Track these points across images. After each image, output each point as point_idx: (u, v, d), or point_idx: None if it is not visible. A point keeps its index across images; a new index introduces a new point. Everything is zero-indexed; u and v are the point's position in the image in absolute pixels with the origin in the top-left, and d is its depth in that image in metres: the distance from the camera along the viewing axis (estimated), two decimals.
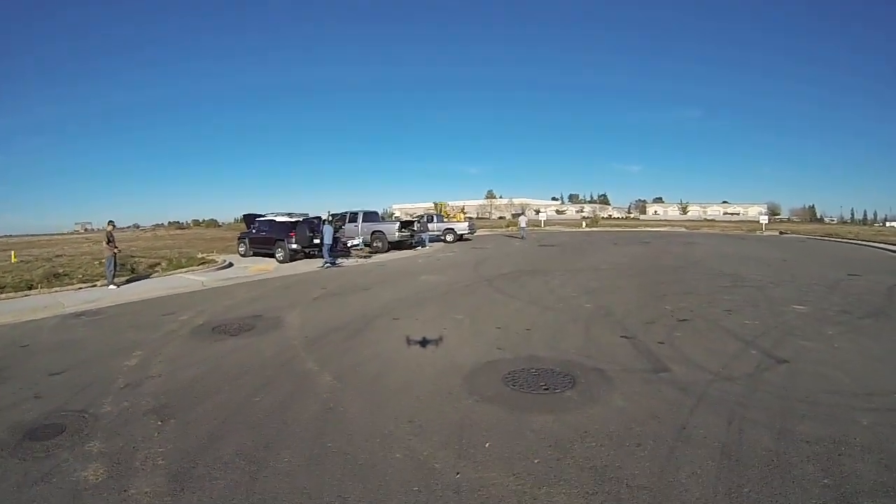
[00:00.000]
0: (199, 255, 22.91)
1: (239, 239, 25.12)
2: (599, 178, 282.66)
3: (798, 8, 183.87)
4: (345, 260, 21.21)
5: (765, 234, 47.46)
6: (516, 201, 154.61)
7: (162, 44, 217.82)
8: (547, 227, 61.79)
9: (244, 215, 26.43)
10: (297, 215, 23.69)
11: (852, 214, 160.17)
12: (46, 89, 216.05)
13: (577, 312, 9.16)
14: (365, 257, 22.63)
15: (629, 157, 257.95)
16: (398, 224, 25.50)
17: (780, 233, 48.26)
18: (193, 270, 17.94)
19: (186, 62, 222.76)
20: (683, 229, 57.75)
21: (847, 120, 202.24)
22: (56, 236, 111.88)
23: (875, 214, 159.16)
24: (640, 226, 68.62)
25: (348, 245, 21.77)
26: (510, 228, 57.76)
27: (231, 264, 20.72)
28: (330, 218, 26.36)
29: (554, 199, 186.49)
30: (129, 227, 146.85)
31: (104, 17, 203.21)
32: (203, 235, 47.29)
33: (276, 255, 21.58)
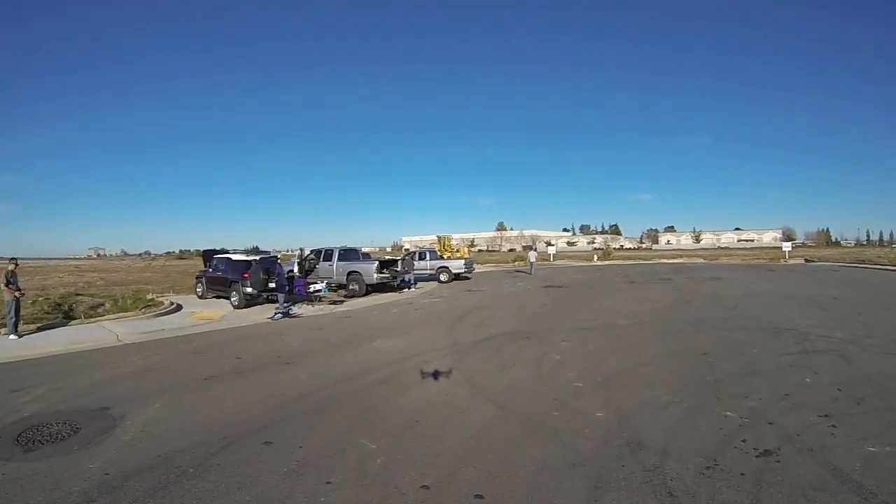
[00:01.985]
0: (151, 297, 19.92)
1: (196, 278, 21.85)
2: (610, 207, 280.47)
3: (807, 32, 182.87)
4: (304, 308, 17.75)
5: (789, 262, 43.93)
6: (527, 233, 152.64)
7: (185, 76, 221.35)
8: (557, 261, 58.29)
9: (203, 251, 23.24)
10: (256, 253, 20.55)
11: (868, 236, 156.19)
12: (66, 115, 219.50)
13: (579, 439, 5.30)
14: (336, 302, 19.18)
15: (640, 186, 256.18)
16: (377, 264, 21.95)
17: (806, 260, 44.75)
18: (126, 317, 15.72)
19: (209, 95, 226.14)
20: (702, 260, 54.37)
21: (857, 141, 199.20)
22: (69, 260, 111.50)
23: (892, 235, 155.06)
24: (654, 257, 64.89)
25: (310, 290, 18.30)
26: (517, 263, 54.50)
27: (179, 307, 18.18)
28: (302, 256, 23.13)
29: (565, 230, 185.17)
30: (140, 254, 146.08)
31: (128, 46, 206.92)
32: (194, 267, 44.14)
33: (231, 299, 18.28)
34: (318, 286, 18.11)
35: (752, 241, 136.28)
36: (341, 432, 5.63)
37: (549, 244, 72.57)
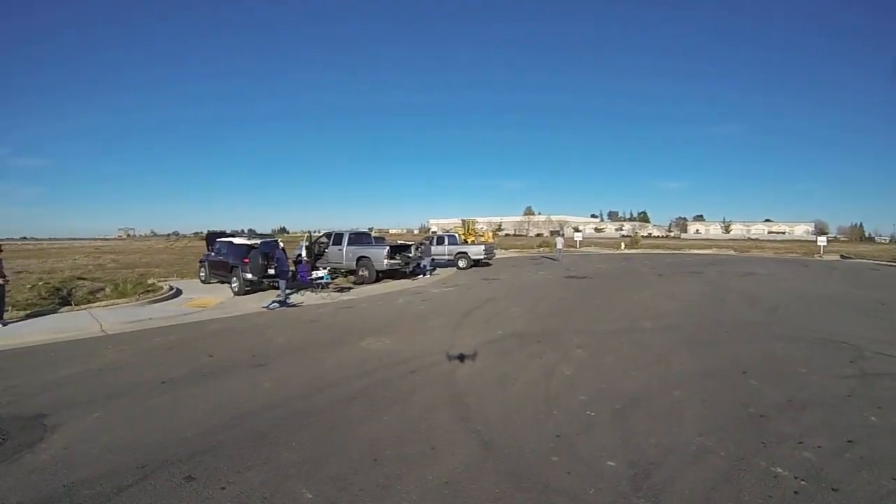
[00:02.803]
0: (152, 282, 19.16)
1: (200, 262, 21.00)
2: (639, 194, 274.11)
3: (842, 25, 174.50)
4: (306, 295, 16.70)
5: (824, 257, 41.45)
6: (554, 218, 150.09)
7: (216, 57, 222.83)
8: (583, 248, 56.41)
9: (207, 233, 22.34)
10: (260, 237, 19.57)
11: None
12: (97, 96, 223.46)
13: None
14: (343, 289, 18.09)
15: (669, 174, 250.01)
16: (387, 249, 20.69)
17: (842, 256, 42.15)
18: (119, 304, 15.08)
19: (240, 77, 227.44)
20: (732, 252, 51.93)
21: (893, 135, 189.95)
22: (97, 241, 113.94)
23: None
24: (683, 247, 62.24)
25: (311, 278, 17.18)
26: (542, 249, 52.96)
27: (179, 293, 17.47)
28: (311, 239, 22.06)
29: (593, 216, 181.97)
30: (168, 234, 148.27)
31: (156, 31, 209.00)
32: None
33: (232, 286, 17.35)
34: (319, 273, 16.99)
35: (783, 233, 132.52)
36: (278, 470, 4.48)
37: (576, 230, 70.40)
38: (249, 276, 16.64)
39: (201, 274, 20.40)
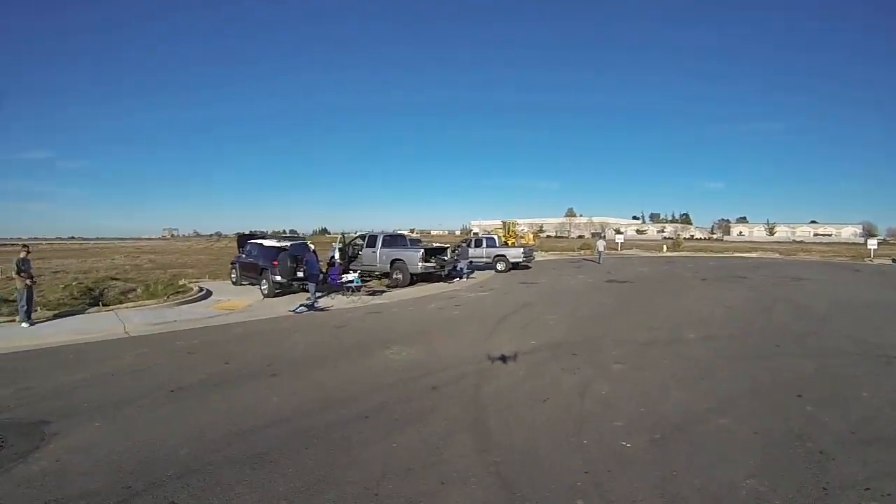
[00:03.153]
0: (183, 283, 19.23)
1: (231, 264, 20.99)
2: (681, 195, 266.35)
3: (887, 17, 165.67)
4: (337, 298, 16.38)
5: (875, 261, 39.02)
6: (596, 220, 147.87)
7: (255, 57, 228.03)
8: (625, 251, 54.85)
9: (238, 235, 22.35)
10: (290, 238, 19.42)
11: None
12: (144, 97, 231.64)
13: None
14: (376, 293, 17.72)
15: (712, 174, 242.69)
16: (422, 252, 20.20)
17: (893, 261, 39.64)
18: (146, 305, 15.12)
19: (280, 76, 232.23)
20: (778, 255, 49.55)
21: None
22: (140, 241, 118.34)
23: None
24: (726, 249, 59.79)
25: (341, 281, 16.82)
26: (582, 252, 51.74)
27: (209, 294, 17.44)
28: (344, 241, 21.78)
29: (635, 217, 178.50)
30: (211, 234, 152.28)
31: (200, 30, 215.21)
32: None
33: (262, 288, 17.18)
34: (349, 276, 16.62)
35: (830, 235, 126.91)
36: (268, 501, 4.01)
37: (617, 232, 68.73)
38: (278, 278, 16.43)
39: (232, 276, 20.39)
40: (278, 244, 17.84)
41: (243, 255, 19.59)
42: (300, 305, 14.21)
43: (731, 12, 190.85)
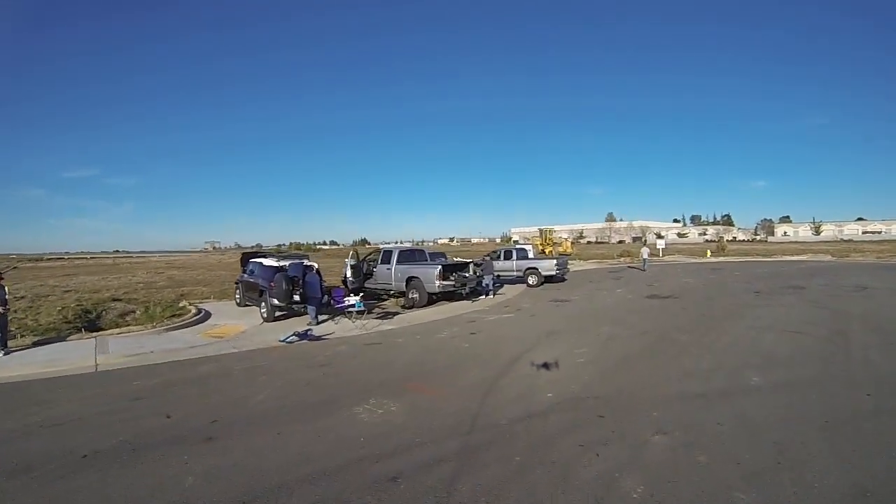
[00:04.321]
0: (183, 304, 18.06)
1: (235, 283, 19.58)
2: (722, 196, 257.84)
3: None
4: (340, 323, 14.65)
5: None
6: (636, 224, 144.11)
7: (297, 73, 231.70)
8: (667, 257, 51.78)
9: (242, 254, 20.90)
10: (291, 256, 17.84)
11: None
12: (187, 112, 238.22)
13: None
14: (387, 315, 15.94)
15: (753, 173, 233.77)
16: (439, 268, 18.19)
17: None
18: (134, 331, 14.02)
19: (323, 92, 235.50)
20: (829, 257, 46.07)
21: None
22: (176, 254, 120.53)
23: None
24: (773, 252, 56.02)
25: (343, 305, 15.02)
26: (622, 259, 49.09)
27: (206, 317, 16.21)
28: (358, 257, 20.03)
29: (675, 220, 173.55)
30: (251, 247, 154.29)
31: (247, 43, 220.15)
32: None
33: (261, 311, 15.62)
34: (352, 300, 14.81)
35: (879, 232, 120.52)
36: None
37: (658, 236, 65.52)
38: (276, 301, 14.80)
39: (237, 296, 18.96)
40: (276, 263, 16.23)
41: (245, 275, 18.10)
42: (292, 334, 12.49)
43: (771, 8, 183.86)
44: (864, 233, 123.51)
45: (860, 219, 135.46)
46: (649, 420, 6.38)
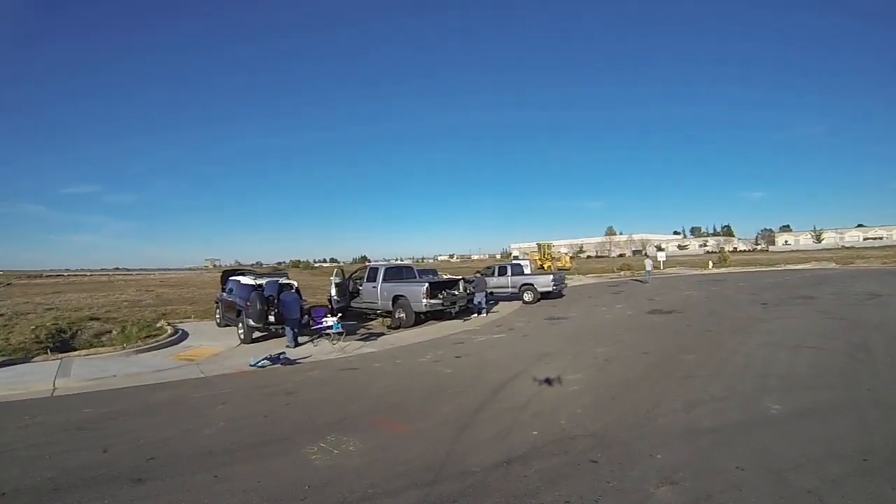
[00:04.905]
0: (160, 324, 17.18)
1: (215, 302, 18.64)
2: (721, 207, 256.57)
3: None
4: (319, 346, 13.70)
5: None
6: (636, 237, 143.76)
7: (295, 89, 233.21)
8: (668, 269, 50.77)
9: (223, 272, 19.99)
10: (272, 275, 16.94)
11: None
12: (187, 128, 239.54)
13: None
14: (370, 337, 14.98)
15: (751, 183, 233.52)
16: (426, 286, 17.21)
17: None
18: (102, 353, 13.29)
19: (325, 105, 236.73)
20: (834, 265, 45.28)
21: None
22: (177, 271, 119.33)
23: None
24: (775, 262, 55.10)
25: (320, 326, 14.08)
26: (622, 273, 48.22)
27: (183, 338, 15.36)
28: (343, 275, 19.09)
29: (675, 233, 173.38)
30: (252, 264, 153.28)
31: (230, 65, 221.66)
32: None
33: (238, 332, 14.69)
34: (329, 321, 13.87)
35: (881, 238, 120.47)
36: None
37: (659, 248, 64.65)
38: (251, 322, 13.87)
39: (217, 315, 18.02)
40: (254, 282, 15.31)
41: (224, 293, 17.19)
42: (264, 358, 11.54)
43: (766, 13, 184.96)
44: (865, 239, 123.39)
45: (860, 225, 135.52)
46: (652, 465, 5.38)
